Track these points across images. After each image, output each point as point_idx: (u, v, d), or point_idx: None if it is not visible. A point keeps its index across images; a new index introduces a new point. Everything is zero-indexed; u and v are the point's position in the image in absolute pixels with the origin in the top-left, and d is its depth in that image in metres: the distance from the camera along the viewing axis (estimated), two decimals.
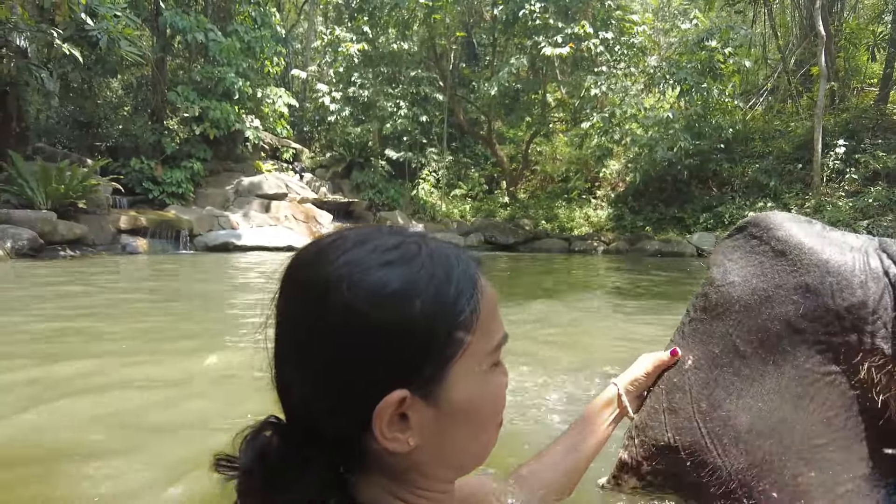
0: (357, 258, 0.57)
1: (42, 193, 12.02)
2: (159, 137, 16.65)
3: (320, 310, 0.56)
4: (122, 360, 3.67)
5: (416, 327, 0.56)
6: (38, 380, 3.30)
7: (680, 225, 16.45)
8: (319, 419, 0.58)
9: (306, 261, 0.61)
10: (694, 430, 0.90)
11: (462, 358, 0.59)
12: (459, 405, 0.60)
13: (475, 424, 0.62)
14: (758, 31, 19.47)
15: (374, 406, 0.55)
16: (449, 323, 0.58)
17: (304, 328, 0.58)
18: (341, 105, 19.02)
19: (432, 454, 0.60)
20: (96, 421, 2.68)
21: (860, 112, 16.36)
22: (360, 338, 0.55)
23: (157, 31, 16.63)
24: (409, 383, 0.56)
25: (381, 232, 0.61)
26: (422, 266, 0.58)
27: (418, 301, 0.56)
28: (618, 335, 4.78)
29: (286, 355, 0.60)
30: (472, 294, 0.60)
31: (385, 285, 0.56)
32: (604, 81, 16.68)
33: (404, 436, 0.58)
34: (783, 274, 0.88)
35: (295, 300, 0.60)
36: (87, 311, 5.71)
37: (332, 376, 0.56)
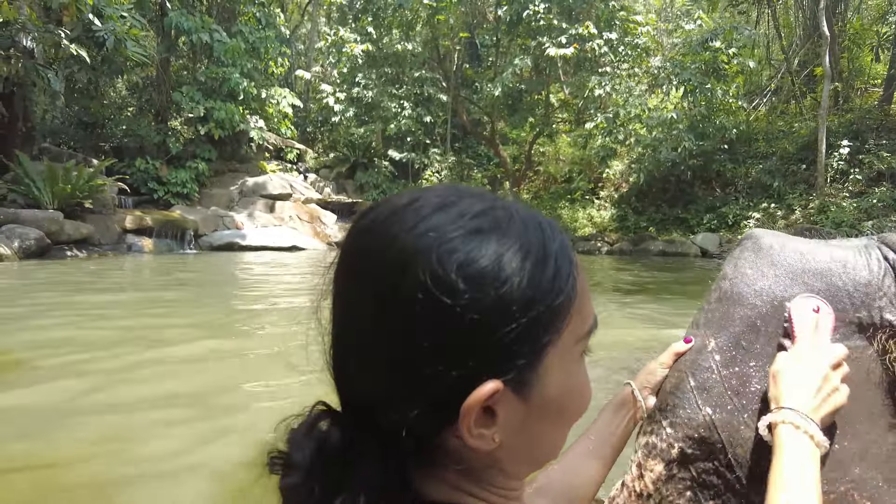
0: (441, 225, 0.48)
1: (49, 193, 12.08)
2: (164, 138, 16.72)
3: (397, 287, 0.47)
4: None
5: (513, 309, 0.47)
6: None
7: (683, 225, 16.45)
8: (388, 412, 0.49)
9: (376, 226, 0.50)
10: (727, 406, 0.90)
11: (558, 345, 0.51)
12: (551, 398, 0.52)
13: (564, 419, 0.55)
14: (761, 32, 19.47)
15: (458, 399, 0.47)
16: (548, 304, 0.49)
17: (374, 307, 0.48)
18: (345, 105, 19.07)
19: (515, 452, 0.53)
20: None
21: (864, 113, 16.34)
22: (448, 321, 0.46)
23: (163, 32, 16.69)
24: (502, 374, 0.48)
25: (462, 193, 0.52)
26: (517, 237, 0.49)
27: (516, 278, 0.47)
28: (622, 336, 4.81)
29: (348, 339, 0.52)
30: (570, 271, 0.51)
31: (478, 259, 0.47)
32: (607, 82, 16.69)
33: (490, 432, 0.50)
34: (792, 261, 0.93)
35: (362, 274, 0.50)
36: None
37: (410, 366, 0.48)
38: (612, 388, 2.61)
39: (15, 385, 3.39)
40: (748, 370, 0.91)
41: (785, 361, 0.84)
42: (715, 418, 0.90)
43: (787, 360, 0.84)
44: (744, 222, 15.16)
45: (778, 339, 0.90)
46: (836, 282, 0.88)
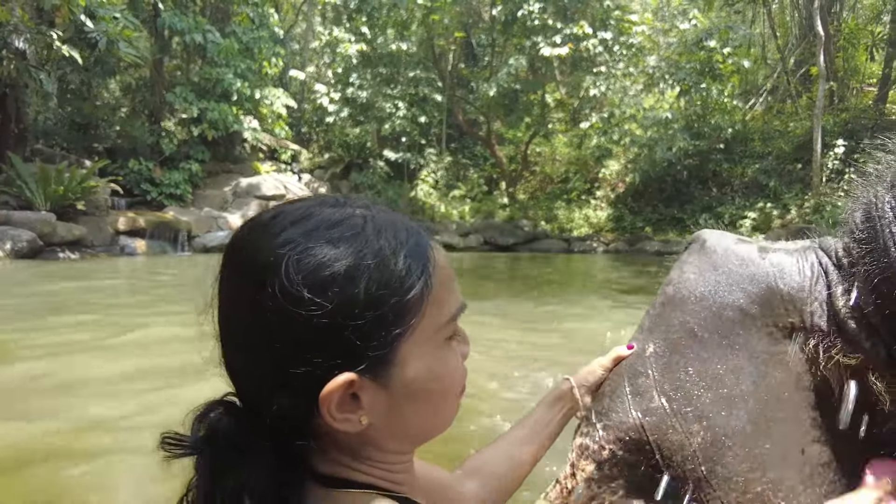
0: (296, 236, 0.55)
1: (41, 195, 12.00)
2: (157, 139, 16.63)
3: (259, 294, 0.54)
4: None
5: (359, 309, 0.54)
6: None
7: (679, 225, 16.44)
8: (267, 401, 0.56)
9: (245, 240, 0.58)
10: (658, 410, 0.93)
11: (413, 335, 0.57)
12: (413, 383, 0.58)
13: (432, 399, 0.61)
14: (757, 31, 19.47)
15: (319, 389, 0.54)
16: (396, 301, 0.55)
17: (244, 313, 0.56)
18: (340, 106, 18.99)
19: (387, 430, 0.60)
20: None
21: (859, 112, 16.36)
22: (301, 323, 0.53)
23: (156, 33, 16.61)
24: (356, 365, 0.55)
25: (324, 205, 0.59)
26: (366, 242, 0.55)
27: (363, 280, 0.54)
28: (613, 335, 4.77)
29: (229, 339, 0.58)
30: (424, 268, 0.57)
31: (325, 266, 0.53)
32: (603, 82, 16.67)
33: (356, 415, 0.57)
34: (732, 266, 0.95)
35: (234, 283, 0.58)
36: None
37: (275, 361, 0.54)
38: None
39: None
40: (682, 375, 0.93)
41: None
42: (645, 422, 0.93)
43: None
44: (740, 222, 15.16)
45: (712, 346, 0.93)
46: (772, 286, 0.91)
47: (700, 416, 0.89)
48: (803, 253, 0.93)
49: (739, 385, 0.89)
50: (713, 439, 0.88)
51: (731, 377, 0.90)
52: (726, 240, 1.00)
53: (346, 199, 0.61)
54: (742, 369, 0.90)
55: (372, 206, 0.60)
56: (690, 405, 0.90)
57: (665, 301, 1.00)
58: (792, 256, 0.93)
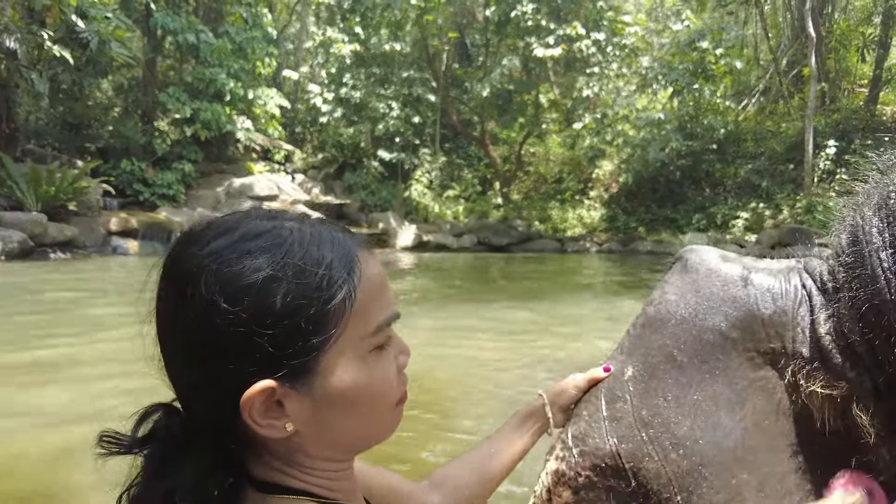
0: (220, 248, 0.56)
1: (32, 195, 11.92)
2: (150, 139, 16.55)
3: (181, 301, 0.55)
4: None
5: (274, 318, 0.54)
6: None
7: (672, 225, 16.50)
8: (197, 407, 0.58)
9: (175, 250, 0.60)
10: (635, 437, 0.90)
11: (335, 345, 0.57)
12: (336, 392, 0.58)
13: (359, 409, 0.61)
14: (749, 33, 19.57)
15: (240, 395, 0.55)
16: (315, 311, 0.56)
17: (170, 320, 0.58)
18: (333, 106, 18.96)
19: (315, 438, 0.60)
20: None
21: (850, 113, 16.47)
22: (219, 332, 0.54)
23: (148, 33, 16.53)
24: (275, 373, 0.55)
25: (254, 218, 0.60)
26: (286, 253, 0.56)
27: (280, 290, 0.55)
28: (604, 335, 4.78)
29: (163, 344, 0.60)
30: (347, 279, 0.58)
31: (242, 277, 0.54)
32: (596, 82, 16.72)
33: (280, 422, 0.57)
34: (714, 289, 0.93)
35: (164, 291, 0.59)
36: None
37: (199, 368, 0.56)
38: None
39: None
40: (660, 402, 0.90)
41: None
42: (621, 449, 0.90)
43: None
44: (732, 222, 15.23)
45: (691, 371, 0.91)
46: (753, 310, 0.88)
47: (677, 444, 0.88)
48: (787, 275, 0.90)
49: (718, 412, 0.87)
50: (690, 468, 0.86)
51: (710, 404, 0.88)
52: (710, 259, 0.97)
53: (279, 213, 0.62)
54: (721, 396, 0.88)
55: (305, 220, 0.61)
56: (668, 432, 0.89)
57: (645, 322, 0.98)
58: (775, 278, 0.90)
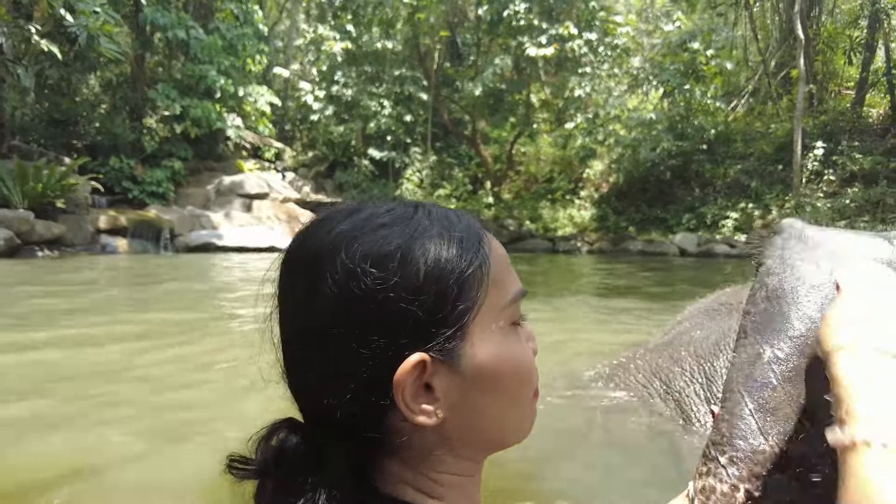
0: (350, 226, 0.55)
1: (19, 193, 11.76)
2: (139, 136, 16.39)
3: (316, 281, 0.53)
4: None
5: (424, 283, 0.52)
6: None
7: (663, 225, 16.59)
8: (335, 403, 0.53)
9: (299, 241, 0.58)
10: (800, 433, 0.74)
11: (478, 315, 0.55)
12: (483, 368, 0.55)
13: (504, 391, 0.57)
14: (739, 34, 19.72)
15: (390, 376, 0.52)
16: (458, 276, 0.54)
17: (302, 306, 0.54)
18: (324, 104, 18.89)
19: (462, 427, 0.56)
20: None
21: (838, 114, 16.65)
22: (364, 302, 0.51)
23: (138, 28, 16.37)
24: (427, 346, 0.52)
25: (374, 201, 0.59)
26: (419, 224, 0.55)
27: (421, 257, 0.53)
28: (598, 334, 4.79)
29: (290, 341, 0.56)
30: (479, 247, 0.56)
31: (382, 245, 0.53)
32: (587, 82, 16.78)
33: (432, 407, 0.53)
34: (847, 250, 0.80)
35: (291, 281, 0.57)
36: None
37: (343, 350, 0.52)
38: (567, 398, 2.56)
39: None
40: (816, 385, 0.72)
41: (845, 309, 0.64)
42: (789, 446, 0.73)
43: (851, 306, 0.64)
44: (722, 222, 15.34)
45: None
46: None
47: None
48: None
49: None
50: None
51: None
52: (818, 228, 0.86)
53: (392, 197, 0.60)
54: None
55: (422, 202, 0.60)
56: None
57: (769, 295, 0.82)
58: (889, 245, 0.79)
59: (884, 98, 17.01)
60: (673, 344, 1.96)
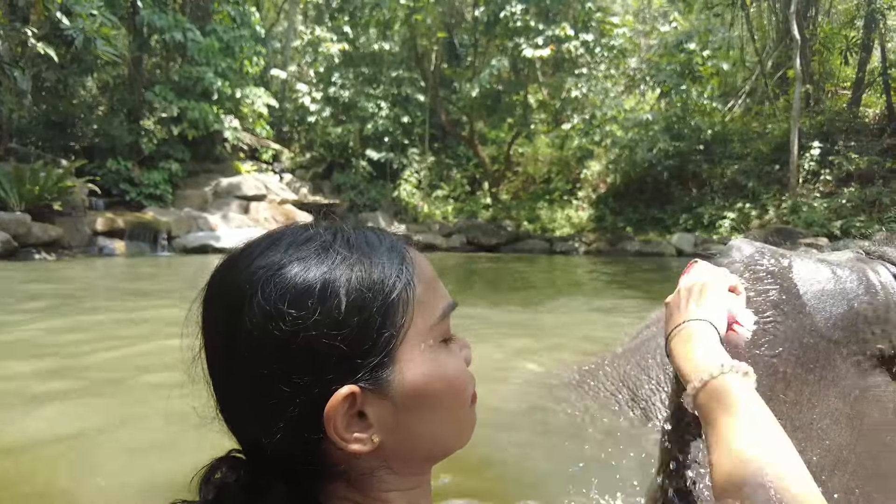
0: (269, 260, 0.53)
1: (15, 195, 11.76)
2: (136, 138, 16.39)
3: (239, 321, 0.52)
4: None
5: (346, 316, 0.52)
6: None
7: (660, 225, 16.61)
8: (268, 439, 0.52)
9: (219, 275, 0.57)
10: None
11: (406, 338, 0.55)
12: (414, 389, 0.55)
13: (438, 407, 0.57)
14: (736, 35, 19.74)
15: (317, 412, 0.51)
16: (381, 304, 0.53)
17: (227, 344, 0.53)
18: (322, 105, 18.91)
19: (399, 447, 0.56)
20: None
21: (834, 115, 16.67)
22: (284, 342, 0.51)
23: (135, 30, 16.37)
24: (355, 377, 0.52)
25: (293, 230, 0.58)
26: (338, 253, 0.54)
27: (341, 289, 0.52)
28: (591, 334, 4.80)
29: (218, 378, 0.56)
30: (403, 269, 0.56)
31: (301, 280, 0.52)
32: (584, 83, 16.80)
33: (366, 434, 0.53)
34: (800, 284, 0.80)
35: (213, 317, 0.56)
36: None
37: (269, 389, 0.51)
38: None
39: None
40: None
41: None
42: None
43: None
44: (719, 222, 15.37)
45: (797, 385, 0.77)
46: (854, 305, 0.77)
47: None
48: (868, 266, 0.79)
49: (841, 434, 0.73)
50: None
51: (828, 423, 0.74)
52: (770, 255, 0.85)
53: (313, 224, 0.59)
54: (836, 412, 0.74)
55: (343, 224, 0.59)
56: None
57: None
58: (859, 271, 0.79)
59: (880, 98, 17.03)
60: (640, 350, 2.01)
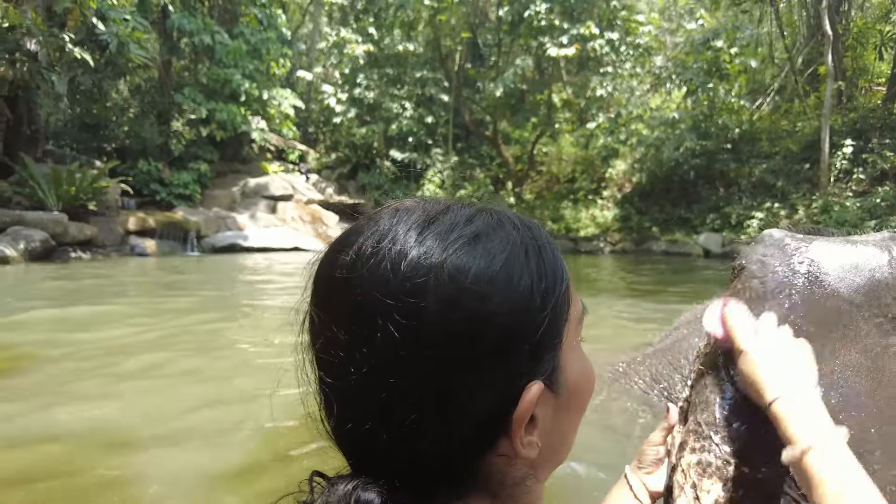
0: (436, 244, 0.44)
1: (53, 195, 12.12)
2: (166, 139, 16.76)
3: (415, 312, 0.43)
4: None
5: (536, 304, 0.46)
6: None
7: (687, 225, 16.42)
8: (424, 453, 0.45)
9: (360, 261, 0.45)
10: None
11: (566, 333, 0.49)
12: (572, 388, 0.50)
13: (579, 408, 0.53)
14: (764, 31, 19.40)
15: (500, 414, 0.45)
16: (559, 292, 0.48)
17: (391, 345, 0.43)
18: (347, 106, 19.09)
19: (547, 451, 0.49)
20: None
21: (868, 112, 16.27)
22: (478, 335, 0.43)
23: (165, 34, 16.73)
24: (540, 373, 0.46)
25: (438, 206, 0.48)
26: (511, 234, 0.47)
27: (525, 275, 0.45)
28: (618, 335, 4.80)
29: (358, 394, 0.45)
30: (560, 256, 0.50)
31: (488, 266, 0.44)
32: (609, 82, 16.69)
33: (535, 438, 0.47)
34: (828, 256, 0.88)
35: (365, 319, 0.44)
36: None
37: (445, 395, 0.44)
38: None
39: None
40: None
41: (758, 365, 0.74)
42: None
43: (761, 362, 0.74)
44: (747, 222, 15.13)
45: (820, 340, 0.84)
46: (875, 275, 0.85)
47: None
48: (891, 241, 0.88)
49: (858, 383, 0.82)
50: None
51: (850, 373, 0.83)
52: (800, 236, 0.93)
53: (462, 202, 0.50)
54: (859, 365, 0.83)
55: (485, 206, 0.51)
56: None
57: (753, 297, 0.89)
58: (882, 248, 0.87)
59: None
60: (672, 350, 2.05)
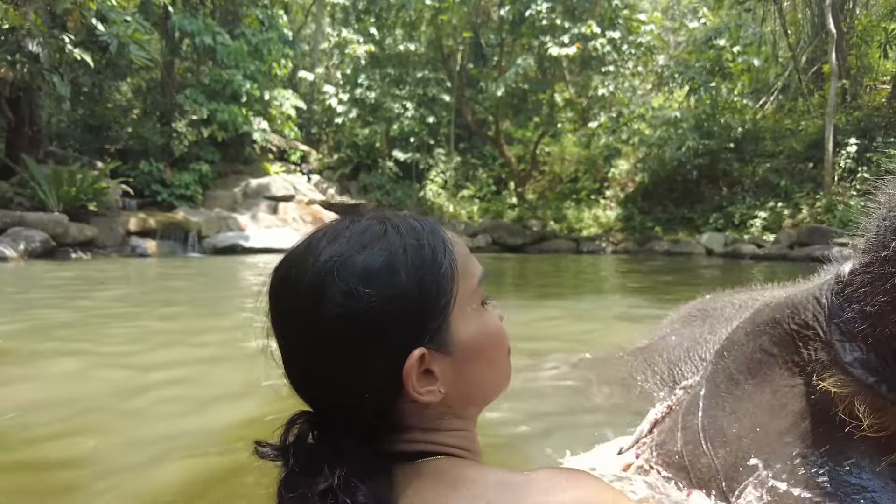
0: (337, 251, 0.64)
1: (54, 196, 12.13)
2: (168, 140, 16.75)
3: (320, 306, 0.62)
4: None
5: (409, 292, 0.63)
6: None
7: (689, 225, 16.35)
8: (350, 405, 0.64)
9: (289, 273, 0.66)
10: (696, 441, 1.13)
11: (456, 304, 0.66)
12: (468, 345, 0.67)
13: (486, 358, 0.70)
14: (768, 30, 19.31)
15: (398, 372, 0.62)
16: (435, 278, 0.65)
17: (310, 330, 0.63)
18: (348, 107, 19.06)
19: (460, 395, 0.68)
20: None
21: (872, 110, 16.19)
22: (366, 317, 0.61)
23: (166, 35, 16.73)
24: (422, 340, 0.64)
25: (345, 224, 0.68)
26: (391, 240, 0.65)
27: (402, 270, 0.63)
28: (615, 335, 4.74)
29: (301, 362, 0.66)
30: (444, 246, 0.67)
31: (371, 265, 0.63)
32: (612, 81, 16.63)
33: (434, 387, 0.65)
34: (759, 317, 1.15)
35: (292, 309, 0.65)
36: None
37: (352, 362, 0.63)
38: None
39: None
40: (718, 412, 1.15)
41: None
42: (685, 450, 1.17)
43: None
44: (750, 221, 15.06)
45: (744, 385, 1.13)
46: (785, 328, 1.06)
47: (725, 443, 1.09)
48: (815, 291, 1.04)
49: (762, 416, 1.06)
50: (734, 461, 1.06)
51: (757, 411, 1.07)
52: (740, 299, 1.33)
53: (359, 216, 0.70)
54: (766, 403, 1.07)
55: (384, 213, 0.70)
56: (719, 435, 1.11)
57: (717, 353, 1.24)
58: (803, 295, 1.05)
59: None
60: (649, 349, 2.14)
